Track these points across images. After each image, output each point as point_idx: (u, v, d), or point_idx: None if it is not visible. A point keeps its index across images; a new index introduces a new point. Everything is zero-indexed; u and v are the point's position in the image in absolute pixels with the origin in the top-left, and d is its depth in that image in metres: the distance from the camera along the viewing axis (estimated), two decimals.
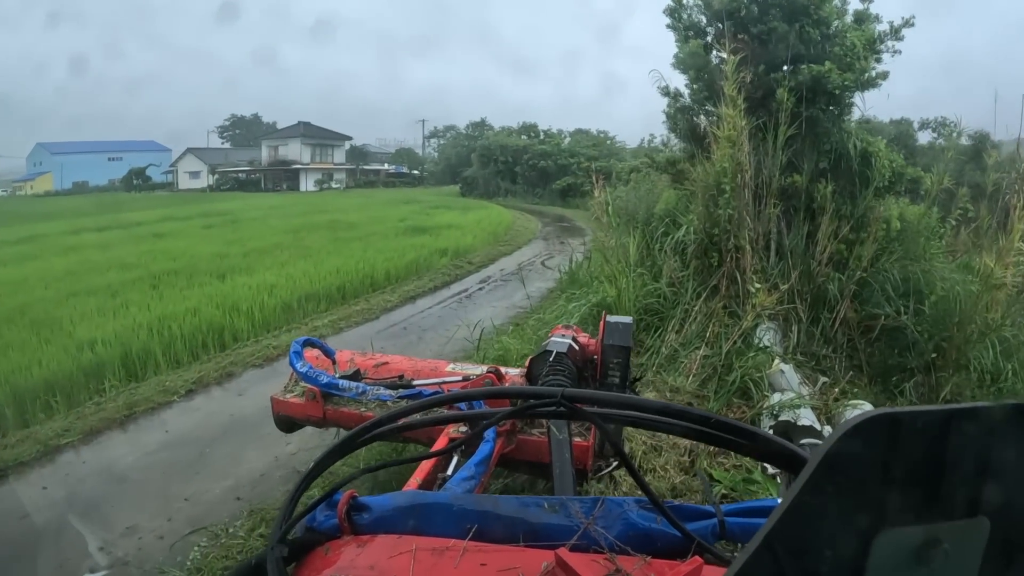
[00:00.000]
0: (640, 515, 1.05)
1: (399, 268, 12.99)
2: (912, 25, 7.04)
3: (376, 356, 3.23)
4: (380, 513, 1.08)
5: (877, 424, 0.58)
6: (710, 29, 7.48)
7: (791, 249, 6.58)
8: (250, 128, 73.35)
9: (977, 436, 0.60)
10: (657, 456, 4.34)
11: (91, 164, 53.10)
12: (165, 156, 56.66)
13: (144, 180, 52.51)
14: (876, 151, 6.90)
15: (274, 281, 11.06)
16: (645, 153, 12.02)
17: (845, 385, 5.72)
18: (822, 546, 0.59)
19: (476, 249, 16.44)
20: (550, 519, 1.03)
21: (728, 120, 5.89)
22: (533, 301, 9.49)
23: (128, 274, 12.26)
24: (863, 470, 0.58)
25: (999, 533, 0.62)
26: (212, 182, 53.83)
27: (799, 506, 0.57)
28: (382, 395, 2.70)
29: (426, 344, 8.32)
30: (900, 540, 0.60)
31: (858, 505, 0.59)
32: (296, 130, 54.39)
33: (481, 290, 12.08)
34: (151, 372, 7.51)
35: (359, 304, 10.63)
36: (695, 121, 7.58)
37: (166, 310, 9.27)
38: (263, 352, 8.15)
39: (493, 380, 2.44)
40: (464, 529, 1.02)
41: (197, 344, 8.30)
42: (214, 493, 4.83)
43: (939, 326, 5.63)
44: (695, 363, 5.60)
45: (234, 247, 15.41)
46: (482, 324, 7.09)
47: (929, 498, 0.60)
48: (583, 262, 10.08)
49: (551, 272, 12.50)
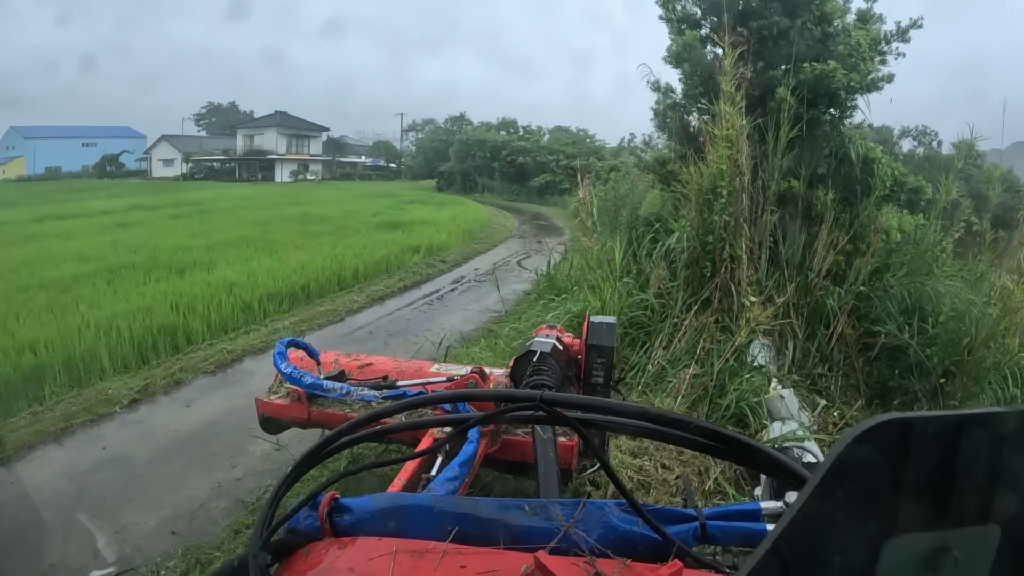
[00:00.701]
0: (621, 518, 1.03)
1: (369, 266, 12.44)
2: (920, 26, 6.68)
3: (361, 357, 3.22)
4: (361, 515, 1.06)
5: (888, 429, 0.58)
6: (705, 22, 7.05)
7: (787, 259, 6.15)
8: (227, 116, 72.19)
9: (989, 443, 0.60)
10: (645, 456, 4.17)
11: (65, 149, 51.91)
12: (140, 143, 55.73)
13: (117, 167, 51.78)
14: (878, 157, 6.50)
15: (235, 278, 10.42)
16: (631, 151, 11.57)
17: (844, 409, 5.29)
18: (831, 552, 0.59)
19: (450, 247, 15.91)
20: (531, 522, 1.02)
21: (727, 118, 5.41)
22: (508, 305, 9.05)
23: (85, 267, 11.55)
24: (873, 475, 0.58)
25: (1010, 541, 0.62)
26: (186, 170, 52.88)
27: (808, 511, 0.58)
28: (366, 396, 2.69)
29: (391, 352, 7.74)
30: (910, 547, 0.60)
31: (868, 511, 0.59)
32: (272, 120, 53.42)
33: (454, 291, 11.54)
34: (96, 378, 6.95)
35: (324, 304, 10.05)
36: (687, 119, 7.13)
37: (118, 308, 8.66)
38: (216, 357, 7.57)
39: (477, 381, 2.44)
40: (445, 531, 1.01)
41: (147, 347, 7.70)
42: (147, 526, 4.29)
43: (949, 349, 5.19)
44: (684, 382, 5.13)
45: (199, 239, 14.72)
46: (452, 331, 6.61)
47: (940, 505, 0.60)
48: (561, 264, 9.61)
49: (527, 273, 12.11)
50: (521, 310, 8.77)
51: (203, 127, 71.72)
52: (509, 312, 8.79)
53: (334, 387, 2.74)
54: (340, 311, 9.74)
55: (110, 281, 10.42)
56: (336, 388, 2.74)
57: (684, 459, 4.19)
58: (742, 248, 5.62)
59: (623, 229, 7.18)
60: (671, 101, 7.28)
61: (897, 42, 6.69)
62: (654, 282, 5.98)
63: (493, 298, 9.44)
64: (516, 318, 8.04)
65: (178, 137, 57.39)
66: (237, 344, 8.01)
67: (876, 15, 6.84)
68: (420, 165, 50.61)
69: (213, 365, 7.36)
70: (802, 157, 6.36)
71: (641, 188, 10.73)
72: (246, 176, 51.12)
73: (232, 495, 4.61)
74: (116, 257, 12.56)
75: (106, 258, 12.45)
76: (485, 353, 5.65)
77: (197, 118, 73.18)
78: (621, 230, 7.15)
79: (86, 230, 16.86)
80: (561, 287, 7.85)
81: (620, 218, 8.07)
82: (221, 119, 71.43)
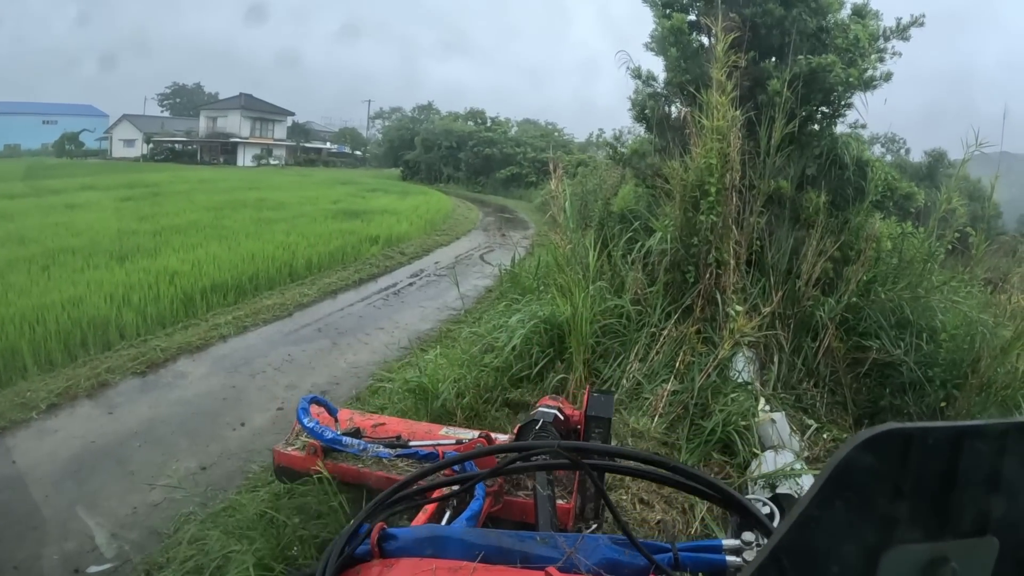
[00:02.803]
0: (611, 548, 1.21)
1: (323, 256, 11.83)
2: (922, 24, 6.26)
3: (373, 417, 3.39)
4: (404, 542, 1.23)
5: (888, 439, 0.58)
6: (692, 7, 6.55)
7: (773, 266, 5.68)
8: (191, 97, 70.64)
9: (988, 455, 0.60)
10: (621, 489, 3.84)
11: (24, 126, 49.98)
12: (101, 121, 54.39)
13: (77, 146, 50.38)
14: (872, 161, 6.10)
15: (178, 267, 9.70)
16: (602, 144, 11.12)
17: (835, 430, 4.84)
18: (829, 561, 0.60)
19: (411, 238, 15.31)
20: (541, 550, 1.20)
21: (718, 108, 4.89)
22: (468, 303, 8.58)
23: (22, 250, 10.74)
24: (872, 485, 0.59)
25: (1008, 553, 0.62)
26: (147, 151, 51.66)
27: (807, 519, 0.59)
28: (381, 452, 2.86)
29: (340, 352, 7.23)
30: (908, 557, 0.60)
31: (866, 520, 0.60)
32: (237, 102, 52.36)
33: (411, 286, 10.98)
34: (17, 376, 6.33)
35: (272, 298, 9.39)
36: (669, 109, 6.63)
37: (48, 298, 7.95)
38: (148, 355, 6.93)
39: (484, 444, 2.66)
40: (473, 555, 1.17)
41: (75, 342, 7.05)
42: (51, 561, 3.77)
43: (953, 371, 4.75)
44: (662, 399, 4.64)
45: (146, 224, 13.90)
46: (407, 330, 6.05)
47: (938, 516, 0.61)
48: (525, 260, 9.14)
49: (490, 268, 11.67)
50: (482, 309, 8.34)
51: (167, 107, 70.23)
52: (469, 311, 8.30)
53: (352, 443, 2.88)
54: (288, 305, 9.13)
55: (46, 267, 9.67)
56: (354, 444, 2.88)
57: (664, 494, 3.74)
58: (729, 252, 5.13)
59: (594, 226, 6.70)
60: (652, 90, 6.77)
61: (897, 39, 6.26)
62: (631, 287, 5.46)
63: (453, 294, 8.89)
64: (476, 318, 7.54)
65: (140, 117, 56.27)
66: (173, 341, 7.40)
67: (873, 11, 6.43)
68: (386, 153, 50.10)
69: (143, 365, 6.74)
70: (792, 156, 5.91)
71: (610, 183, 10.29)
72: (208, 159, 50.25)
73: (146, 524, 4.06)
74: (57, 240, 11.75)
75: (46, 241, 11.63)
76: (440, 360, 5.07)
77: (161, 98, 71.51)
78: (591, 226, 6.70)
79: (33, 210, 15.94)
80: (526, 286, 7.37)
81: (591, 213, 7.56)
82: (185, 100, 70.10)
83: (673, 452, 4.25)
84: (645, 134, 7.28)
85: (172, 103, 70.79)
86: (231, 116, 51.74)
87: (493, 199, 30.60)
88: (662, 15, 6.39)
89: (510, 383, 5.10)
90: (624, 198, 7.08)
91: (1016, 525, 0.62)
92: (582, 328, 4.87)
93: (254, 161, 49.37)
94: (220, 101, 56.68)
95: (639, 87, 6.85)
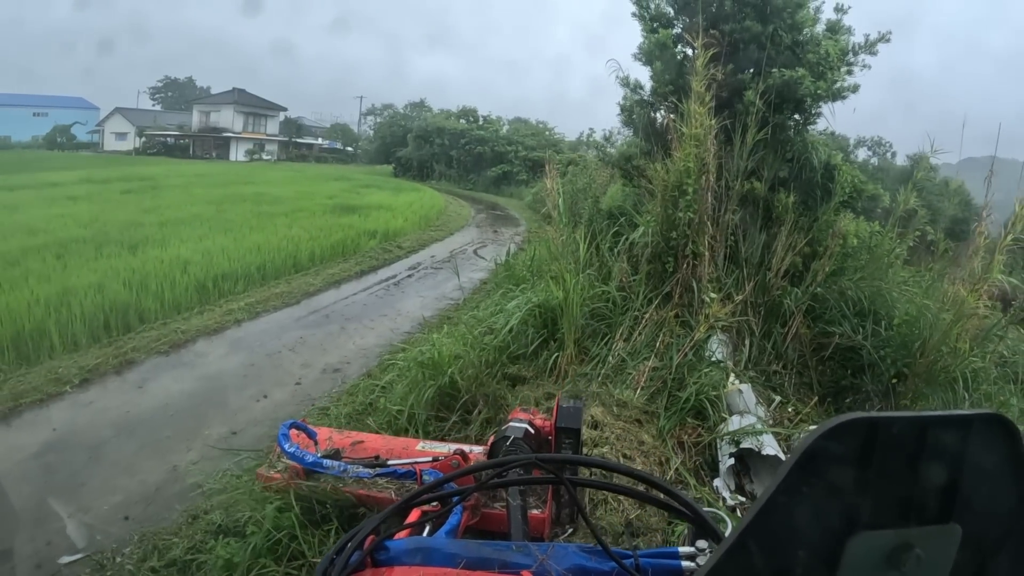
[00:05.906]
0: (579, 555, 1.33)
1: (324, 249, 12.28)
2: (888, 40, 6.81)
3: (352, 434, 3.42)
4: (395, 552, 1.33)
5: (854, 427, 0.60)
6: (678, 21, 7.11)
7: (746, 259, 6.25)
8: (183, 91, 70.59)
9: (952, 444, 0.62)
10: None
11: (15, 119, 50.47)
12: (92, 114, 54.52)
13: (68, 139, 50.52)
14: (839, 164, 6.66)
15: (189, 256, 10.17)
16: (592, 145, 11.62)
17: (799, 405, 5.40)
18: (796, 545, 0.62)
19: (406, 233, 15.76)
20: (516, 557, 1.31)
21: (696, 117, 5.47)
22: (465, 293, 9.09)
23: (33, 240, 11.13)
24: (838, 473, 0.60)
25: (971, 540, 0.64)
26: (139, 145, 51.78)
27: (774, 505, 0.60)
28: (361, 473, 2.90)
29: (348, 336, 7.72)
30: (873, 543, 0.62)
31: (832, 506, 0.61)
32: (229, 96, 52.39)
33: (410, 277, 11.45)
34: (45, 355, 6.73)
35: (279, 286, 9.87)
36: (654, 116, 7.19)
37: (68, 283, 8.36)
38: (170, 337, 7.39)
39: (459, 460, 2.67)
40: (456, 563, 1.28)
41: (98, 325, 7.48)
42: (100, 511, 4.17)
43: (902, 351, 5.34)
44: (644, 375, 5.17)
45: (151, 216, 14.29)
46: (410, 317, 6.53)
47: (903, 503, 0.62)
48: (518, 254, 9.62)
49: (484, 262, 12.19)
50: (479, 298, 8.81)
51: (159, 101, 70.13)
52: (466, 300, 8.81)
53: (332, 465, 2.92)
54: (296, 293, 9.60)
55: (60, 255, 10.05)
56: (334, 466, 2.93)
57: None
58: (705, 245, 5.69)
59: (584, 222, 7.19)
60: (639, 98, 7.33)
61: (864, 54, 6.83)
62: (616, 275, 6.01)
63: (450, 285, 9.50)
64: (474, 306, 8.06)
65: (132, 110, 56.21)
66: (191, 324, 7.85)
67: (845, 27, 6.98)
68: (377, 150, 50.05)
69: (166, 345, 7.19)
70: (765, 160, 6.47)
71: (600, 182, 10.81)
72: (200, 153, 50.20)
73: (183, 479, 4.50)
74: (65, 231, 12.16)
75: (55, 232, 12.02)
76: (447, 339, 5.59)
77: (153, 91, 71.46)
78: (582, 223, 7.17)
79: (35, 202, 16.30)
80: (520, 277, 7.87)
81: (581, 210, 8.10)
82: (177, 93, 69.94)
83: (653, 419, 4.78)
84: (632, 137, 7.86)
85: (164, 96, 70.66)
86: (224, 111, 51.69)
87: (484, 197, 31.06)
88: (650, 29, 6.94)
89: (508, 360, 5.56)
90: (612, 197, 7.64)
91: (978, 512, 0.63)
92: (573, 311, 5.41)
93: (247, 156, 49.33)
94: (213, 96, 56.64)
95: (628, 94, 7.42)
